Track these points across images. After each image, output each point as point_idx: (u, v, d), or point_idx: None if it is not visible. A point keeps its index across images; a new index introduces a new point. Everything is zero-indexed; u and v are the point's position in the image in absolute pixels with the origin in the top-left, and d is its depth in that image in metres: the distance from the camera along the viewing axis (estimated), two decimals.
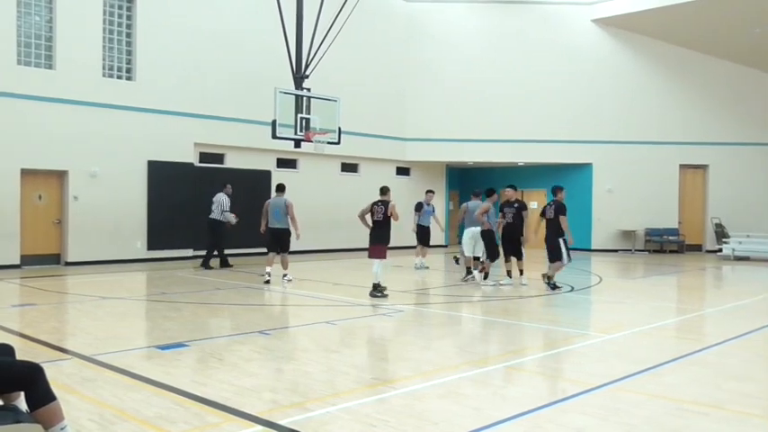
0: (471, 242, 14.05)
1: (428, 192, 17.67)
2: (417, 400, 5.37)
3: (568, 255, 12.74)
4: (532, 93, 24.00)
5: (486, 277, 13.23)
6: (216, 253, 16.32)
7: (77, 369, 6.25)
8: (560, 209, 12.68)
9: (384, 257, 11.65)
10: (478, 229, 13.85)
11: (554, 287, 12.53)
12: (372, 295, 11.38)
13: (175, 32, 18.03)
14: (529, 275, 13.67)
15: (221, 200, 16.19)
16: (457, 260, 14.25)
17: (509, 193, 13.68)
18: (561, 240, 12.60)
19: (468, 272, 14.17)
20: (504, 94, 24.02)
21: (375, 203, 11.83)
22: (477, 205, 14.21)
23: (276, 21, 17.30)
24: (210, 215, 16.21)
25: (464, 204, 14.77)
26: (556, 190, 13.08)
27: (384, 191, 12.03)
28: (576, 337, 8.33)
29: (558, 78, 24.01)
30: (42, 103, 15.78)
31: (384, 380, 5.98)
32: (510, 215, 13.34)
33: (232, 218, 16.18)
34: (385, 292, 11.46)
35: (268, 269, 13.59)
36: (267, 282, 13.25)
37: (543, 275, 12.98)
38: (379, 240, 11.70)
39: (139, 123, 17.37)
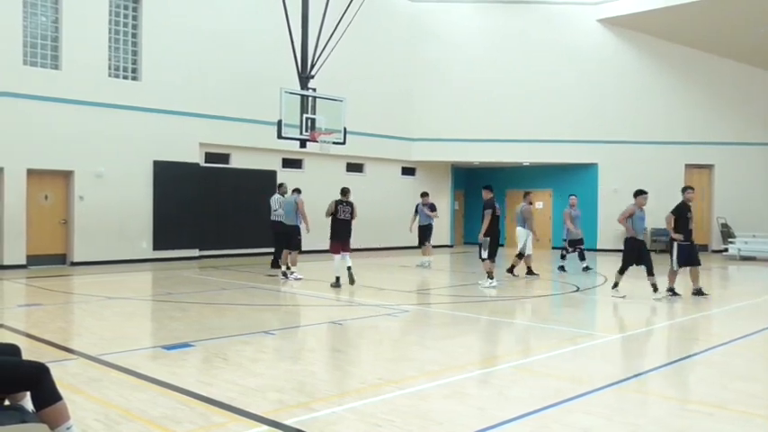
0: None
1: (422, 194, 17.99)
2: (422, 400, 5.37)
3: (678, 260, 11.53)
4: (538, 92, 23.96)
5: (655, 289, 11.42)
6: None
7: (83, 369, 6.27)
8: (674, 209, 11.70)
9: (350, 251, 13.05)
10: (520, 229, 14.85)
11: (671, 293, 11.59)
12: (335, 286, 12.52)
13: (181, 33, 18.06)
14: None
15: (281, 200, 15.58)
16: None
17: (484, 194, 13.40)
18: (675, 244, 11.60)
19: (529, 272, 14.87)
20: (509, 93, 23.99)
21: (339, 203, 12.89)
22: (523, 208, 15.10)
23: (281, 21, 17.29)
24: (274, 218, 15.42)
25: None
26: (682, 190, 11.99)
27: (347, 192, 13.20)
28: (582, 336, 8.32)
29: (563, 78, 23.97)
30: (48, 103, 15.83)
31: (389, 380, 5.98)
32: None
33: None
34: (340, 283, 12.61)
35: (283, 268, 14.28)
36: (284, 276, 14.09)
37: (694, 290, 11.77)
38: (349, 237, 12.96)
39: (145, 123, 17.41)
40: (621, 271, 11.73)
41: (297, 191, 14.87)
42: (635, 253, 11.57)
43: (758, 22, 21.37)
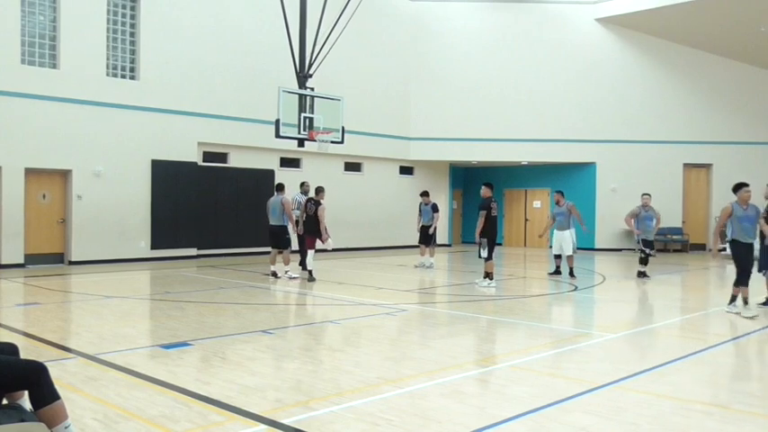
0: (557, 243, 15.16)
1: (421, 194, 17.43)
2: (421, 399, 5.36)
3: (759, 263, 10.14)
4: (536, 92, 23.99)
5: (736, 301, 10.03)
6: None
7: (81, 368, 6.26)
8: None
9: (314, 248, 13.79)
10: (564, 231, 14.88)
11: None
12: (310, 280, 13.29)
13: (179, 32, 18.05)
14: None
15: (298, 200, 15.23)
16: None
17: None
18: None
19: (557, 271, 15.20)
20: (507, 93, 24.01)
21: (308, 200, 13.83)
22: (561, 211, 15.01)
23: (280, 20, 17.28)
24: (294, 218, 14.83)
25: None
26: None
27: (318, 191, 13.84)
28: (580, 336, 8.32)
29: (561, 77, 24.00)
30: (46, 102, 15.80)
31: (388, 379, 5.98)
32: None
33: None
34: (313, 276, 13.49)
35: (272, 268, 14.23)
36: (273, 275, 14.04)
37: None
38: (316, 233, 13.54)
39: (143, 123, 17.39)
40: (740, 282, 9.89)
41: (280, 189, 14.36)
42: (745, 257, 9.76)
43: (758, 21, 21.40)
